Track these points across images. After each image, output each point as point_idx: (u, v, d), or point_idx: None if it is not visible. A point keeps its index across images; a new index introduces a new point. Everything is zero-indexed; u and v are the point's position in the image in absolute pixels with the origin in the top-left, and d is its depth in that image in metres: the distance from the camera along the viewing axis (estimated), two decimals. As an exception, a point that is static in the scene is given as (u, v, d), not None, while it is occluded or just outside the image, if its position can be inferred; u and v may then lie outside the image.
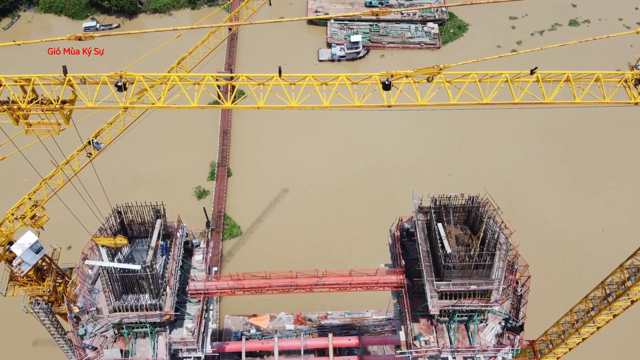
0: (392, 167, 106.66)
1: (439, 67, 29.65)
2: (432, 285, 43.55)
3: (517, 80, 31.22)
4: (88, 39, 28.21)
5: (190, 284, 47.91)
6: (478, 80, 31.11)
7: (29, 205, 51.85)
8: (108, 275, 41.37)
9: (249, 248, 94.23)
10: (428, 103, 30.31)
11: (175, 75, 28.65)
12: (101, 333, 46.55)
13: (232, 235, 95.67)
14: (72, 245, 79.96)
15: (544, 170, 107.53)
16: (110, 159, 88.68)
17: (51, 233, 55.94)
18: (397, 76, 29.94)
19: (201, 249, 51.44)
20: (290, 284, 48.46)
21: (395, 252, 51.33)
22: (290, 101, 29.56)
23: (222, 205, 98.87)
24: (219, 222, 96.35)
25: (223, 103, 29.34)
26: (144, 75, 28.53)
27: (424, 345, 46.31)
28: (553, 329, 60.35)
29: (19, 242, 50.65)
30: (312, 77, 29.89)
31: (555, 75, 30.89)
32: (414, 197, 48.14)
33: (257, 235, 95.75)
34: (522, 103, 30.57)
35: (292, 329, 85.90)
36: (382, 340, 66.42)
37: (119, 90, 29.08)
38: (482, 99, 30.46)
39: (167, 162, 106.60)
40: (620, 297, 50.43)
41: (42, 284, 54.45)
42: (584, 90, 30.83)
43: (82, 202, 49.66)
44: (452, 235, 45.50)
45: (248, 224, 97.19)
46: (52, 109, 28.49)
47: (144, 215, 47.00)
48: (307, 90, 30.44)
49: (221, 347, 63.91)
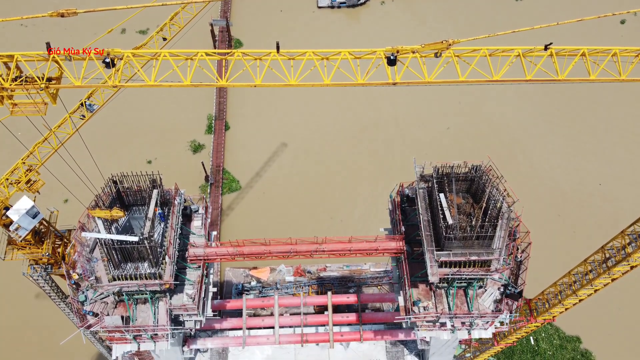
0: (391, 120, 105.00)
1: (447, 43, 27.87)
2: (432, 254, 43.28)
3: (530, 55, 29.42)
4: (71, 15, 26.24)
5: (190, 250, 47.67)
6: (489, 54, 29.29)
7: (23, 170, 50.86)
8: (106, 247, 40.95)
9: (248, 202, 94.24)
10: (435, 80, 28.74)
11: (166, 52, 26.88)
12: (101, 299, 46.70)
13: (231, 189, 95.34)
14: (68, 199, 79.67)
15: (542, 123, 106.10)
16: (104, 112, 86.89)
17: (48, 186, 54.82)
18: (403, 52, 28.14)
19: (200, 215, 50.85)
20: (290, 251, 48.25)
21: (395, 218, 50.86)
22: (289, 78, 27.92)
23: (220, 159, 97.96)
24: (218, 177, 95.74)
25: (218, 81, 27.72)
26: (133, 52, 26.74)
27: (423, 312, 46.66)
28: (550, 289, 60.90)
29: (14, 208, 49.96)
30: (312, 53, 28.09)
31: (570, 51, 29.09)
32: (415, 166, 47.06)
33: (256, 190, 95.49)
34: (534, 80, 29.01)
35: (292, 281, 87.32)
36: (380, 298, 67.29)
37: (107, 66, 27.39)
38: (492, 76, 28.80)
39: (162, 115, 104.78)
40: (620, 263, 50.43)
41: (41, 247, 54.31)
42: (600, 66, 29.08)
43: (78, 157, 48.70)
44: (453, 204, 44.79)
45: (247, 179, 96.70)
46: (37, 88, 26.91)
47: (140, 184, 46.06)
48: (307, 66, 28.73)
49: (222, 305, 64.74)
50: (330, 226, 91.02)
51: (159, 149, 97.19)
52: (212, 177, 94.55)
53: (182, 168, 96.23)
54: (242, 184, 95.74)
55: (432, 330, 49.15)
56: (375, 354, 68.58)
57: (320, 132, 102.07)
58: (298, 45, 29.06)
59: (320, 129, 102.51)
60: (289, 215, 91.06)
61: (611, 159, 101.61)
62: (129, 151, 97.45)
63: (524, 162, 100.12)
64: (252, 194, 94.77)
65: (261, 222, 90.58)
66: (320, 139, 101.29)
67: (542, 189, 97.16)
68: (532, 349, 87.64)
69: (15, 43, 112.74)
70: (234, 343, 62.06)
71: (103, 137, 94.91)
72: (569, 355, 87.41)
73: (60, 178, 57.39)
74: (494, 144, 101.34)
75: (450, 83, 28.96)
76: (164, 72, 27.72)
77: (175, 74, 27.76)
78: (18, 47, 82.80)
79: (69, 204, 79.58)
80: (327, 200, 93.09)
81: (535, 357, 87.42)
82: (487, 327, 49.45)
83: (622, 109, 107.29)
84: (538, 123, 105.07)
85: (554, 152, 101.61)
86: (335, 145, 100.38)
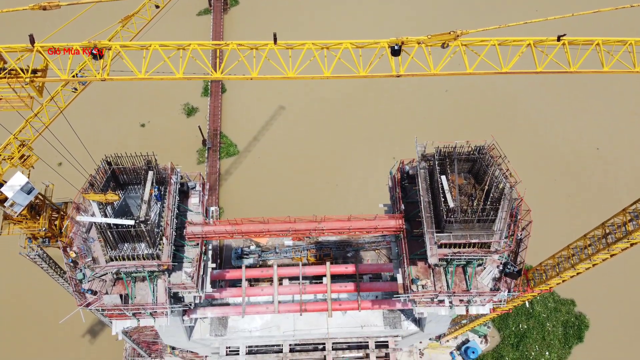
0: (389, 82, 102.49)
1: (455, 34, 26.28)
2: (432, 236, 42.90)
3: (542, 44, 27.89)
4: (54, 7, 24.50)
5: (188, 229, 47.22)
6: (498, 44, 27.75)
7: (15, 146, 49.64)
8: (101, 230, 40.42)
9: (246, 167, 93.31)
10: (441, 72, 27.33)
11: (157, 43, 25.32)
12: (99, 277, 46.61)
13: (229, 154, 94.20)
14: (62, 162, 77.87)
15: (540, 85, 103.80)
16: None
17: (41, 149, 53.70)
18: (408, 42, 26.59)
19: (197, 192, 50.09)
20: (289, 229, 47.86)
21: (395, 196, 50.22)
22: (287, 70, 26.49)
23: (217, 123, 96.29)
24: (215, 141, 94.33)
25: (212, 74, 26.29)
26: (122, 44, 25.18)
27: (421, 290, 46.74)
28: (548, 261, 61.09)
29: (9, 184, 48.99)
30: (312, 44, 26.52)
31: (583, 41, 27.55)
32: (417, 145, 45.94)
33: (254, 154, 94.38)
34: (544, 72, 27.66)
35: (291, 245, 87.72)
36: (378, 268, 67.68)
37: (94, 58, 25.87)
38: (501, 68, 27.40)
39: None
40: (620, 240, 50.20)
41: (38, 222, 53.82)
42: (615, 57, 27.63)
43: (71, 119, 47.54)
44: (455, 184, 44.02)
45: (245, 143, 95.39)
46: (22, 82, 25.50)
47: (135, 163, 44.99)
48: (306, 56, 27.24)
49: (221, 275, 65.02)
50: (328, 191, 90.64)
51: (152, 112, 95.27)
52: (210, 141, 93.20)
53: (176, 132, 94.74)
54: (240, 148, 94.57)
55: (430, 306, 49.48)
56: (373, 319, 69.52)
57: (320, 94, 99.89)
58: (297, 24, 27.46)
59: (320, 91, 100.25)
60: (287, 180, 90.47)
61: (610, 122, 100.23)
62: (122, 114, 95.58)
63: (522, 124, 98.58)
64: (250, 158, 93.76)
65: (259, 187, 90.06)
66: (320, 102, 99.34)
67: (540, 151, 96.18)
68: (527, 312, 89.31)
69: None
70: (234, 312, 62.71)
71: (96, 99, 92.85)
72: (563, 317, 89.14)
73: (51, 140, 56.14)
74: (492, 105, 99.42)
75: (457, 75, 27.55)
76: (155, 62, 26.27)
77: (167, 65, 26.29)
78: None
79: (63, 168, 78.09)
80: (326, 165, 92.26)
81: (529, 319, 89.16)
82: (485, 303, 49.75)
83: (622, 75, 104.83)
84: (535, 84, 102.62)
85: (553, 115, 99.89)
86: (335, 108, 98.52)
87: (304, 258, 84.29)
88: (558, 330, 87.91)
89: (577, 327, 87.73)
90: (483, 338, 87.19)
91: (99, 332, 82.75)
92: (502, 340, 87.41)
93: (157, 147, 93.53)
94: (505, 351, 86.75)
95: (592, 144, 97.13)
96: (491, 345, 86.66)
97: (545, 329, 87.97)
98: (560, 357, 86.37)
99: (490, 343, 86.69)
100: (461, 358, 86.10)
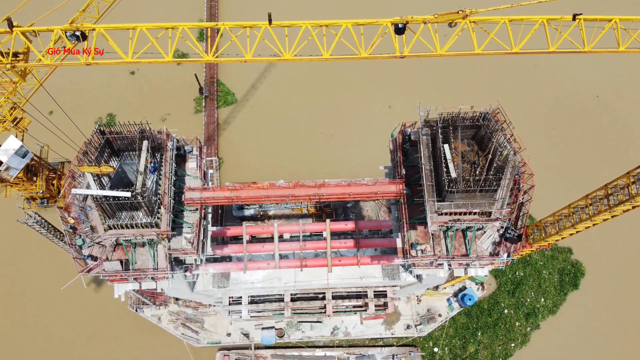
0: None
1: (464, 13, 24.46)
2: (433, 205, 42.42)
3: (555, 22, 26.13)
4: (29, -8, 22.52)
5: (186, 194, 46.69)
6: (508, 21, 25.97)
7: (7, 108, 48.08)
8: (98, 201, 39.89)
9: (244, 117, 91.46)
10: (448, 53, 25.72)
11: (144, 25, 23.59)
12: (99, 243, 46.58)
13: (227, 103, 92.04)
14: (53, 110, 76.06)
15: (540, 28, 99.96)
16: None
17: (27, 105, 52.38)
18: (413, 22, 24.84)
19: (194, 156, 49.17)
20: (288, 195, 47.40)
21: (396, 160, 49.28)
22: (284, 52, 24.91)
23: (214, 70, 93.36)
24: (212, 89, 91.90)
25: (204, 56, 24.70)
26: (106, 27, 23.48)
27: (421, 255, 46.85)
28: (548, 218, 60.96)
29: (2, 148, 48.01)
30: (310, 25, 24.76)
31: (600, 19, 25.75)
32: (420, 109, 44.43)
33: (252, 103, 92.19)
34: (557, 52, 26.07)
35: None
36: (378, 225, 67.64)
37: (77, 40, 24.25)
38: (511, 48, 25.78)
39: (145, 21, 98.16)
40: (622, 203, 49.75)
41: (35, 184, 53.24)
42: (632, 35, 25.96)
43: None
44: (458, 151, 43.03)
45: (242, 91, 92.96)
46: (2, 68, 24.01)
47: (130, 131, 43.74)
48: (304, 36, 25.53)
49: (222, 232, 65.17)
50: (327, 142, 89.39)
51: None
52: (207, 90, 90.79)
53: (168, 80, 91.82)
54: (237, 97, 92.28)
55: (429, 269, 49.79)
56: (372, 271, 70.34)
57: (320, 40, 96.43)
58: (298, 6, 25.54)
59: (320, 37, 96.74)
60: (286, 130, 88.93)
61: (610, 68, 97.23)
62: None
63: (520, 68, 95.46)
64: (249, 107, 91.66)
65: (258, 137, 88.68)
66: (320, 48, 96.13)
67: (539, 97, 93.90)
68: (524, 260, 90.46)
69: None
70: (236, 268, 63.43)
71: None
72: (560, 265, 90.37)
73: (40, 92, 54.50)
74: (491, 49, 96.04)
75: (465, 56, 25.93)
76: (144, 44, 24.60)
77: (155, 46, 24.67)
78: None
79: (54, 115, 76.01)
80: (325, 116, 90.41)
81: (526, 267, 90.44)
82: (484, 266, 50.03)
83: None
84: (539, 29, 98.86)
85: (554, 61, 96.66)
86: (333, 49, 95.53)
87: (304, 209, 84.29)
88: (554, 278, 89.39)
89: (573, 275, 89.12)
90: (480, 285, 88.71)
91: (103, 280, 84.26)
92: (498, 287, 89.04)
93: (151, 96, 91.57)
94: (502, 298, 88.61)
95: (592, 91, 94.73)
96: (488, 292, 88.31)
97: (542, 276, 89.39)
98: (555, 303, 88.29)
99: (487, 290, 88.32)
100: (458, 304, 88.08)
